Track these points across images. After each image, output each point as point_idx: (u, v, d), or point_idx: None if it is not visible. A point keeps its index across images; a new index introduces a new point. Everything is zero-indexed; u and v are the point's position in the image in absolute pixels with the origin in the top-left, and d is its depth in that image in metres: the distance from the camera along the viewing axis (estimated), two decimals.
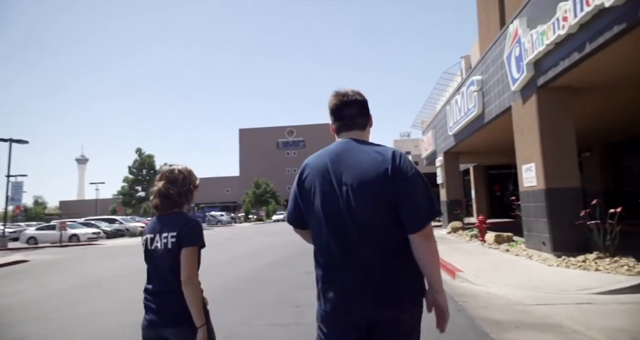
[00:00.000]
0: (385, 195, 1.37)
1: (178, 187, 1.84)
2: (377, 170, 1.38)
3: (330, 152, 1.51)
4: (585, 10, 4.92)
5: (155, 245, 1.76)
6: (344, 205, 1.39)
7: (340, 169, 1.44)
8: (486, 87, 8.80)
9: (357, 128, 1.58)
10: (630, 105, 8.22)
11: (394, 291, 1.35)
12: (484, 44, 24.26)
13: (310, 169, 1.51)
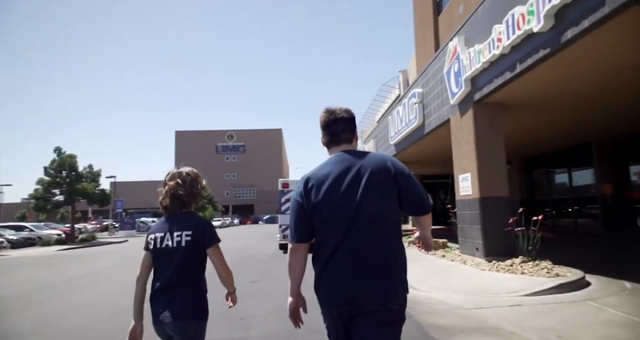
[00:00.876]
0: (390, 190, 1.61)
1: (187, 189, 1.93)
2: (382, 171, 1.60)
3: (332, 163, 1.68)
4: (516, 33, 5.35)
5: (166, 244, 1.84)
6: (354, 203, 1.57)
7: (348, 174, 1.61)
8: (427, 99, 9.27)
9: (345, 142, 1.76)
10: (546, 125, 9.14)
11: (394, 283, 1.57)
12: (420, 59, 25.73)
13: (315, 180, 1.65)
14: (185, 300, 1.80)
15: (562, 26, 4.64)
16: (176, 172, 1.96)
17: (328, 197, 1.60)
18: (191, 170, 2.01)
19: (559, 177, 14.38)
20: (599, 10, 4.13)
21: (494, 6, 6.11)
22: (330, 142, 1.77)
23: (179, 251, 1.82)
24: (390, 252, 1.59)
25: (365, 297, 1.52)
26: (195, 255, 1.85)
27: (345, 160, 1.66)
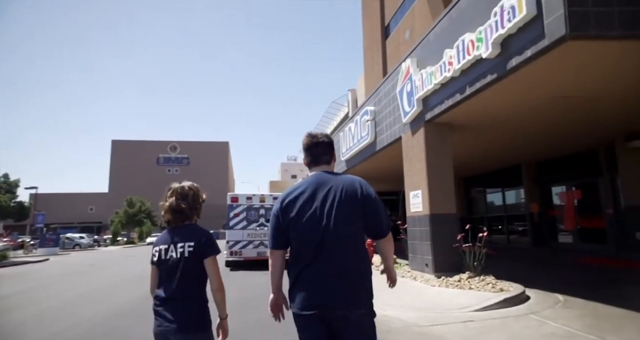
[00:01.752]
0: (356, 212, 1.80)
1: (189, 202, 2.01)
2: (351, 194, 1.81)
3: (309, 182, 1.89)
4: (466, 58, 5.66)
5: (170, 255, 1.91)
6: (325, 219, 1.77)
7: (321, 193, 1.82)
8: (379, 117, 9.51)
9: (324, 163, 1.99)
10: (485, 146, 9.77)
11: (361, 292, 1.76)
12: (369, 79, 26.65)
13: (293, 195, 1.86)
14: (189, 312, 1.86)
15: (508, 54, 4.98)
16: (178, 187, 2.05)
17: (302, 213, 1.81)
18: (192, 185, 2.10)
19: (494, 196, 15.42)
20: (539, 42, 4.48)
21: (445, 32, 6.44)
22: (311, 163, 2.00)
23: (182, 262, 1.89)
24: (357, 265, 1.79)
25: (336, 303, 1.70)
26: (197, 265, 1.91)
27: (320, 180, 1.88)
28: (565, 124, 7.96)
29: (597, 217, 10.98)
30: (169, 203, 1.98)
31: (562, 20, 4.16)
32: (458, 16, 6.10)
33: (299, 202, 1.83)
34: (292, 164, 77.70)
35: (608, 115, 7.48)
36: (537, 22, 4.47)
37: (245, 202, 10.90)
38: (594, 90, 5.98)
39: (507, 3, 4.78)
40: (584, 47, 4.47)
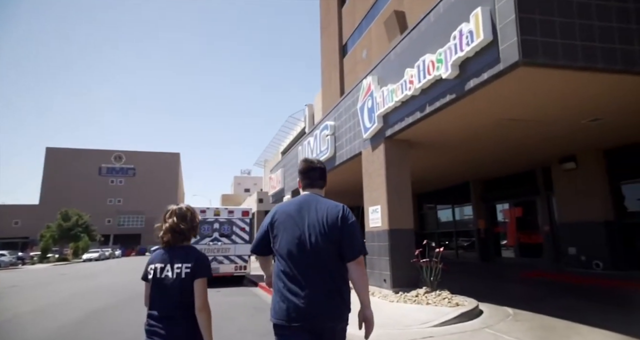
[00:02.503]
0: (334, 234, 1.96)
1: (187, 223, 2.11)
2: (332, 217, 1.98)
3: (298, 202, 2.08)
4: (427, 78, 5.86)
5: (165, 274, 1.98)
6: (307, 239, 1.95)
7: (306, 213, 2.01)
8: (339, 132, 9.58)
9: (318, 186, 2.21)
10: (439, 163, 10.18)
11: (341, 307, 1.92)
12: (326, 95, 27.02)
13: (281, 213, 2.06)
14: (183, 330, 1.91)
15: (466, 76, 5.22)
16: (176, 209, 2.14)
17: (289, 230, 1.99)
18: (188, 206, 2.21)
19: (444, 212, 16.05)
20: (495, 66, 4.74)
21: (406, 52, 6.66)
22: (307, 186, 2.20)
23: (178, 282, 1.95)
24: (338, 282, 1.93)
25: (319, 315, 1.85)
26: (191, 286, 1.97)
27: (309, 201, 2.08)
28: (511, 145, 8.50)
29: (535, 233, 11.76)
30: (169, 224, 2.07)
31: (515, 47, 4.44)
32: (418, 37, 6.35)
33: (286, 221, 2.02)
34: (246, 177, 76.19)
35: (547, 138, 8.10)
36: (493, 48, 4.74)
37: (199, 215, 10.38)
38: (537, 115, 6.44)
39: (466, 28, 5.04)
40: (533, 74, 4.80)
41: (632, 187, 9.28)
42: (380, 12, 20.07)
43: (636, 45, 4.86)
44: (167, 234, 2.04)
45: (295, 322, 1.84)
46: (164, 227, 2.07)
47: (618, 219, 9.26)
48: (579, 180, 9.66)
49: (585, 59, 4.63)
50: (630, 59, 4.80)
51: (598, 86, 5.30)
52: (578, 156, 9.53)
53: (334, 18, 26.48)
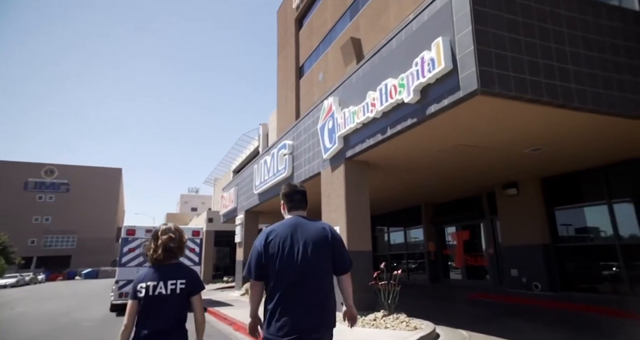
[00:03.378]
0: (327, 252, 2.22)
1: (177, 242, 2.27)
2: (323, 237, 2.23)
3: (289, 225, 2.26)
4: (389, 101, 6.01)
5: (159, 292, 2.12)
6: (302, 257, 2.14)
7: (299, 235, 2.20)
8: (297, 151, 9.49)
9: (302, 208, 2.41)
10: (396, 186, 10.41)
11: (331, 317, 2.18)
12: (281, 115, 27.04)
13: (275, 234, 2.20)
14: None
15: (427, 101, 5.41)
16: (167, 228, 2.28)
17: (282, 251, 2.15)
18: (176, 226, 2.34)
19: (397, 234, 16.37)
20: (456, 93, 4.96)
21: (368, 75, 6.82)
22: (291, 208, 2.40)
23: (173, 298, 2.10)
24: (328, 296, 2.19)
25: (313, 328, 2.05)
26: (185, 301, 2.15)
27: (297, 223, 2.27)
28: (462, 170, 8.92)
29: (481, 256, 12.29)
30: (162, 243, 2.20)
31: (474, 76, 4.69)
32: (380, 62, 6.53)
33: (280, 241, 2.18)
34: (193, 196, 73.07)
35: (494, 165, 8.61)
36: (454, 75, 4.97)
37: (145, 235, 9.56)
38: (488, 142, 6.82)
39: (427, 56, 5.26)
40: (488, 103, 5.08)
41: (565, 213, 10.06)
42: (337, 38, 20.72)
43: (572, 83, 5.34)
44: (157, 252, 2.18)
45: (291, 335, 2.00)
46: (154, 245, 2.20)
47: (553, 242, 9.94)
48: (519, 205, 10.31)
49: (533, 92, 4.99)
50: (569, 95, 5.26)
51: (542, 118, 5.73)
52: (519, 183, 10.21)
53: (291, 40, 26.94)
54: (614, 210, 8.67)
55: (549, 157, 7.97)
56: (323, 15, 22.61)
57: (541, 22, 5.30)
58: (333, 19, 21.19)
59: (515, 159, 8.04)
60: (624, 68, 5.81)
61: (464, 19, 4.90)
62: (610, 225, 8.70)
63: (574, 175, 9.43)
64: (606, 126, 6.13)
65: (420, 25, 5.65)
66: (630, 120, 5.87)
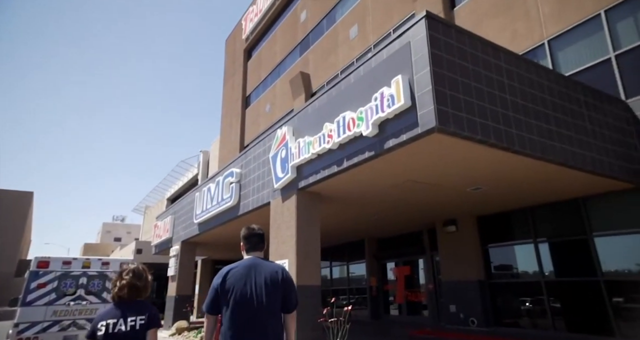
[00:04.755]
0: (278, 292, 2.50)
1: (143, 281, 2.48)
2: (275, 278, 2.51)
3: (246, 265, 2.54)
4: (347, 133, 6.02)
5: (119, 329, 2.22)
6: (256, 296, 2.42)
7: (254, 275, 2.48)
8: (245, 180, 9.10)
9: (259, 250, 2.69)
10: (344, 219, 10.37)
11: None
12: (225, 143, 26.39)
13: (232, 273, 2.50)
14: None
15: (385, 135, 5.50)
16: (134, 268, 2.44)
17: (237, 290, 2.40)
18: (142, 265, 2.52)
19: (340, 269, 16.17)
20: (414, 129, 5.11)
21: (325, 107, 6.85)
22: (249, 249, 2.67)
23: (132, 333, 2.24)
24: (278, 332, 2.44)
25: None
26: (144, 337, 2.28)
27: (254, 264, 2.53)
28: (408, 205, 9.15)
29: (420, 292, 12.49)
30: (127, 281, 2.30)
31: (432, 114, 4.88)
32: (338, 95, 6.62)
33: (236, 280, 2.43)
34: (118, 225, 66.90)
35: (438, 202, 8.96)
36: (412, 112, 5.13)
37: (61, 267, 8.24)
38: (438, 179, 7.09)
39: (387, 91, 5.41)
40: (443, 141, 5.29)
41: (497, 251, 10.67)
42: (286, 71, 21.11)
43: (513, 129, 5.80)
44: (123, 290, 2.28)
45: None
46: (119, 283, 2.30)
47: (487, 278, 10.42)
48: (458, 242, 10.76)
49: (482, 133, 5.31)
50: (511, 139, 5.68)
51: (487, 158, 6.10)
52: (458, 220, 10.71)
53: (239, 69, 26.95)
54: (539, 249, 9.37)
55: (486, 196, 8.49)
56: (273, 48, 23.06)
57: (487, 71, 5.77)
58: (283, 52, 21.68)
59: (457, 196, 8.45)
60: (551, 119, 6.47)
61: (422, 60, 5.16)
62: (536, 263, 9.36)
63: (506, 215, 10.13)
64: (537, 170, 6.68)
65: (379, 62, 5.86)
66: (556, 166, 6.47)
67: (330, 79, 16.62)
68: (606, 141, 7.19)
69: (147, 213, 34.35)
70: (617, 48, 8.12)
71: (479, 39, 5.87)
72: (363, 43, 15.03)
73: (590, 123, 7.09)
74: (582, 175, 6.89)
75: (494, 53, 5.99)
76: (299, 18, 20.45)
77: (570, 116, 6.78)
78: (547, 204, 9.15)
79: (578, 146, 6.67)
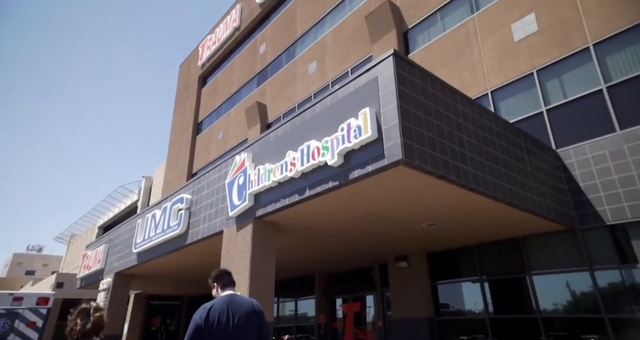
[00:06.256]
0: (255, 323, 2.90)
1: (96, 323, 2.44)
2: (252, 311, 2.94)
3: (224, 301, 2.90)
4: (311, 162, 5.93)
5: None
6: (238, 328, 2.78)
7: (233, 309, 2.86)
8: (196, 207, 8.55)
9: (232, 285, 3.13)
10: (297, 252, 10.03)
11: None
12: (171, 169, 25.18)
13: (214, 309, 2.81)
14: None
15: (350, 166, 5.48)
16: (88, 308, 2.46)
17: (219, 324, 2.72)
18: (99, 305, 2.53)
19: (287, 305, 15.46)
20: (380, 161, 5.14)
21: (288, 135, 6.75)
22: (224, 286, 3.06)
23: None
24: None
25: None
26: None
27: (231, 300, 2.91)
28: (364, 240, 9.10)
29: (370, 329, 12.22)
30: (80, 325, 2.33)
31: (398, 147, 4.96)
32: (302, 124, 6.58)
33: (217, 315, 2.73)
34: (33, 256, 59.32)
35: (393, 236, 9.02)
36: (379, 144, 5.19)
37: (12, 304, 6.83)
38: (396, 213, 7.15)
39: (354, 123, 5.46)
40: (407, 174, 5.38)
41: (446, 287, 10.84)
42: (242, 100, 21.02)
43: (469, 167, 6.09)
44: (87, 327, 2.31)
45: None
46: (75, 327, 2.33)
47: (436, 316, 10.48)
48: (409, 278, 10.81)
49: (443, 169, 5.48)
50: (467, 177, 5.93)
51: (445, 194, 6.28)
52: (410, 256, 10.83)
53: (192, 96, 26.42)
54: (484, 286, 9.67)
55: (438, 232, 8.70)
56: (230, 77, 23.01)
57: (446, 111, 6.08)
58: (240, 82, 21.68)
59: (412, 232, 8.56)
60: (500, 161, 6.91)
61: (389, 95, 5.32)
62: (482, 300, 9.60)
63: (454, 252, 10.42)
64: (487, 208, 7.00)
65: (346, 94, 5.96)
66: (503, 205, 6.82)
67: (287, 111, 16.76)
68: (544, 185, 7.78)
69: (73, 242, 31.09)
70: (547, 103, 9.07)
71: (439, 80, 6.23)
72: (322, 79, 15.48)
73: (531, 167, 7.67)
74: (524, 215, 7.33)
75: (452, 95, 6.36)
76: (258, 50, 20.76)
77: (514, 159, 7.29)
78: (492, 242, 9.57)
79: (522, 188, 7.13)
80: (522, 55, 9.74)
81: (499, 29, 10.36)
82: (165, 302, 16.04)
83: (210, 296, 3.37)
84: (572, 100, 8.71)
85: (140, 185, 25.31)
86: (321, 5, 16.91)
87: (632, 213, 7.32)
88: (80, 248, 29.37)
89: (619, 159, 7.67)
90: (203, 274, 8.09)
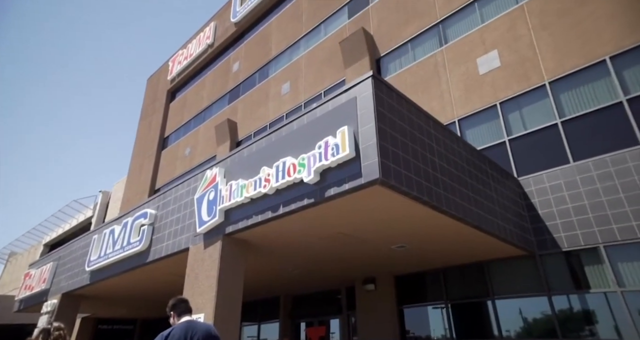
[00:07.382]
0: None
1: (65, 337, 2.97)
2: (209, 335, 3.29)
3: (183, 327, 3.21)
4: (286, 179, 5.83)
5: None
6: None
7: (191, 334, 3.16)
8: (160, 222, 8.11)
9: (189, 312, 3.52)
10: (264, 273, 9.71)
11: None
12: (132, 184, 24.11)
13: (173, 335, 3.12)
14: None
15: (327, 184, 5.45)
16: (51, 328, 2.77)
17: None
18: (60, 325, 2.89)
19: (250, 329, 14.79)
20: (357, 179, 5.15)
21: (262, 151, 6.66)
22: (180, 314, 3.44)
23: None
24: None
25: None
26: None
27: (189, 325, 3.24)
28: (332, 260, 8.97)
29: None
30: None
31: (376, 166, 5.00)
32: (278, 140, 6.52)
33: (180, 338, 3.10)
34: None
35: (362, 258, 8.96)
36: (356, 163, 5.21)
37: None
38: (366, 232, 7.12)
39: (332, 141, 5.47)
40: (382, 194, 5.40)
41: (411, 311, 10.84)
42: (212, 117, 20.73)
43: (441, 190, 6.23)
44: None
45: None
46: None
47: (402, 339, 10.38)
48: (376, 302, 10.71)
49: (417, 190, 5.57)
50: (439, 199, 6.05)
51: (417, 215, 6.36)
52: (377, 279, 10.77)
53: (159, 109, 25.78)
54: (450, 310, 9.75)
55: (407, 255, 8.74)
56: (200, 92, 22.73)
57: (420, 134, 6.26)
58: (210, 98, 21.44)
59: (381, 253, 8.55)
60: (469, 185, 7.14)
61: (367, 115, 5.40)
62: (447, 324, 9.65)
63: (421, 275, 10.49)
64: (456, 231, 7.14)
65: (324, 113, 5.99)
66: (471, 228, 7.00)
67: (259, 129, 16.66)
68: (507, 210, 8.10)
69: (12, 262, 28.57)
70: (510, 134, 9.61)
71: (414, 104, 6.43)
72: (294, 99, 15.61)
73: (496, 193, 7.98)
74: (490, 239, 7.54)
75: (425, 120, 6.57)
76: (232, 68, 20.75)
77: (481, 185, 7.56)
78: (457, 266, 9.73)
79: (488, 212, 7.37)
80: (486, 87, 10.32)
81: (466, 62, 10.98)
82: (116, 327, 14.84)
83: (167, 319, 3.64)
84: (532, 132, 9.27)
85: (97, 200, 23.94)
86: (297, 28, 17.29)
87: (584, 240, 7.73)
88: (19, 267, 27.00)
89: (573, 189, 8.15)
90: (162, 295, 7.63)
